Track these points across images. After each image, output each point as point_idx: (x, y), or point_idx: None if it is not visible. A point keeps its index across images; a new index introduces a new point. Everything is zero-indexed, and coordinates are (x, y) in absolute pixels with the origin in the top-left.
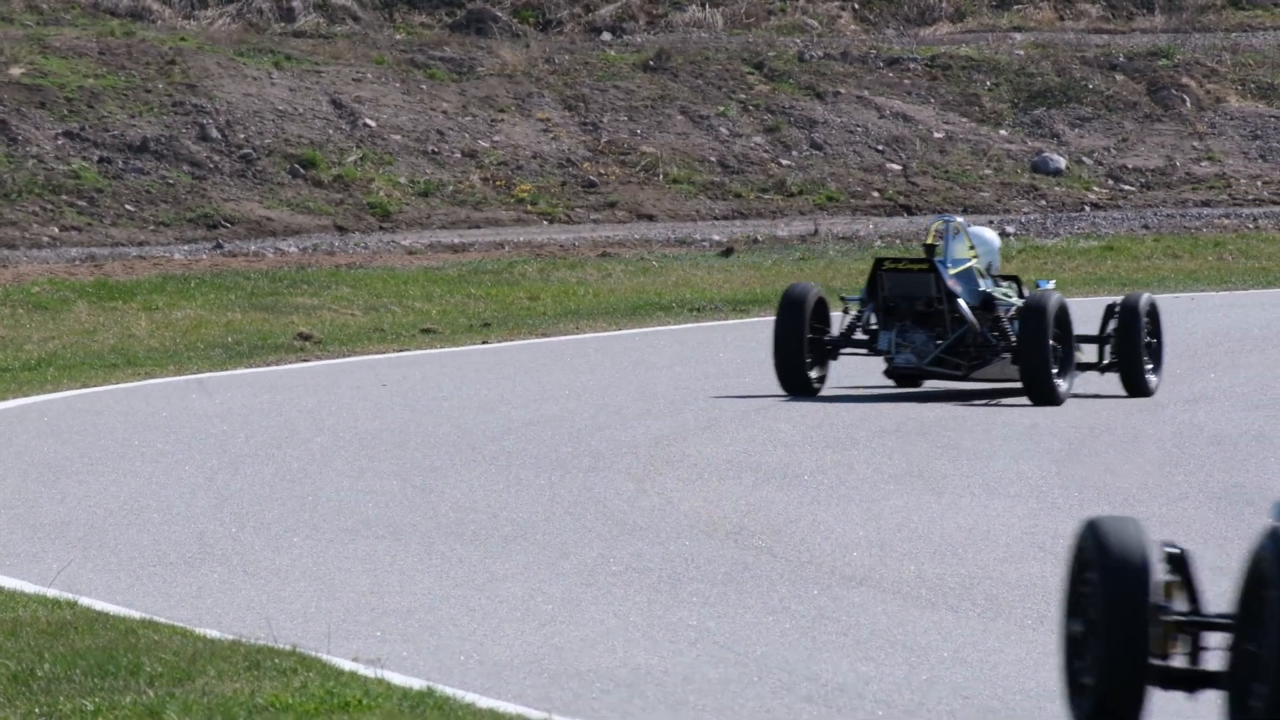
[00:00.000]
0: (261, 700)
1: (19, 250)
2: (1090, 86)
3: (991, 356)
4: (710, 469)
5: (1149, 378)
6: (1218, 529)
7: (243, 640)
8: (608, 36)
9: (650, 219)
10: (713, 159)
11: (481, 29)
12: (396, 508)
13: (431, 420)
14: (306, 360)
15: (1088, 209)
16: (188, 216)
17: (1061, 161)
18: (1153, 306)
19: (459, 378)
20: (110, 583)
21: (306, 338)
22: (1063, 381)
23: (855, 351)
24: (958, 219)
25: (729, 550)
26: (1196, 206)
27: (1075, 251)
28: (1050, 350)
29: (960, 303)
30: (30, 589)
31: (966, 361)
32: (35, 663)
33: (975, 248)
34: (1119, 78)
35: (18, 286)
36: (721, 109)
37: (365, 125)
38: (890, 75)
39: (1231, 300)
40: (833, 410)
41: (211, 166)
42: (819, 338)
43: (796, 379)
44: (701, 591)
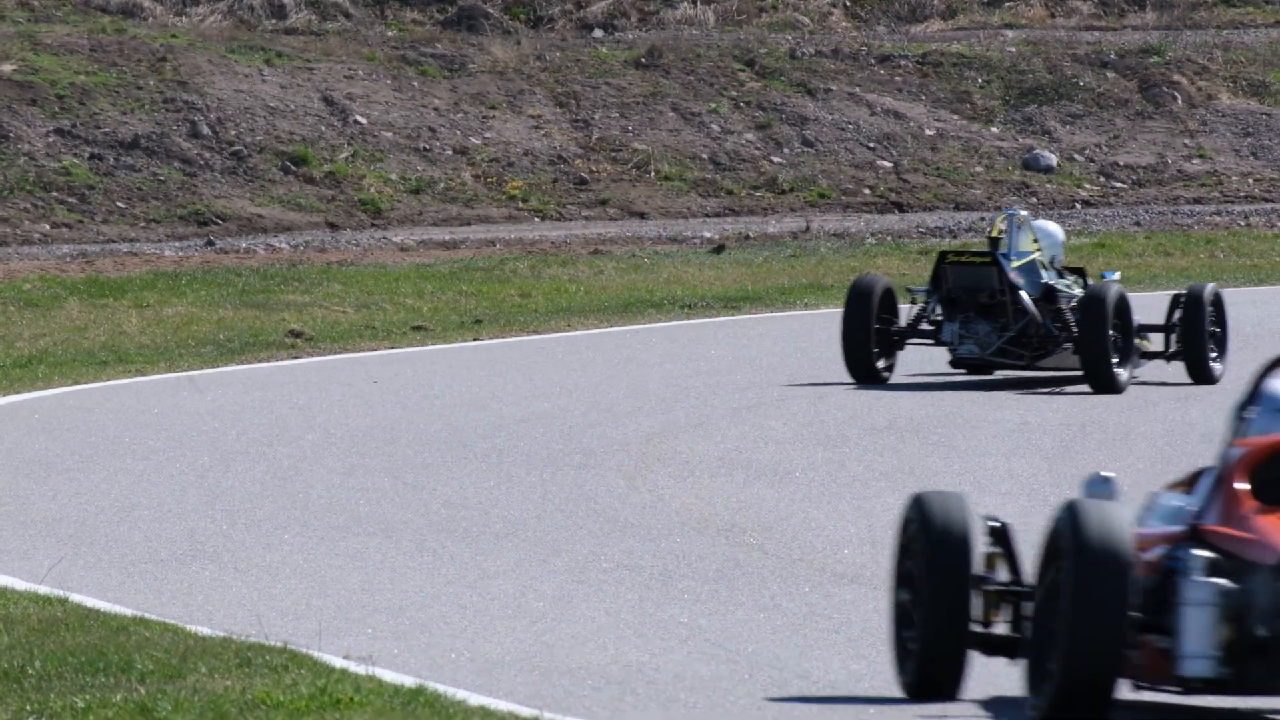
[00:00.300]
0: (252, 697)
1: (10, 247)
2: (1081, 84)
3: (1054, 347)
4: (702, 466)
5: (1213, 365)
6: None
7: (234, 637)
8: (599, 33)
9: (642, 216)
10: (704, 156)
11: (473, 26)
12: (388, 505)
13: (423, 417)
14: (298, 357)
15: (1079, 206)
16: (179, 213)
17: (1053, 159)
18: (1217, 296)
19: (450, 375)
20: (101, 580)
21: (298, 335)
22: (1123, 371)
23: (922, 342)
24: (1022, 212)
25: (720, 547)
26: (1188, 204)
27: (1067, 249)
28: (1110, 340)
29: (1022, 295)
30: (21, 586)
31: (1029, 352)
32: (26, 660)
33: (1039, 240)
34: (1110, 75)
35: (9, 283)
36: (713, 106)
37: (356, 122)
38: (882, 72)
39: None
40: (824, 407)
41: (203, 163)
42: (886, 328)
43: (864, 368)
44: (693, 589)
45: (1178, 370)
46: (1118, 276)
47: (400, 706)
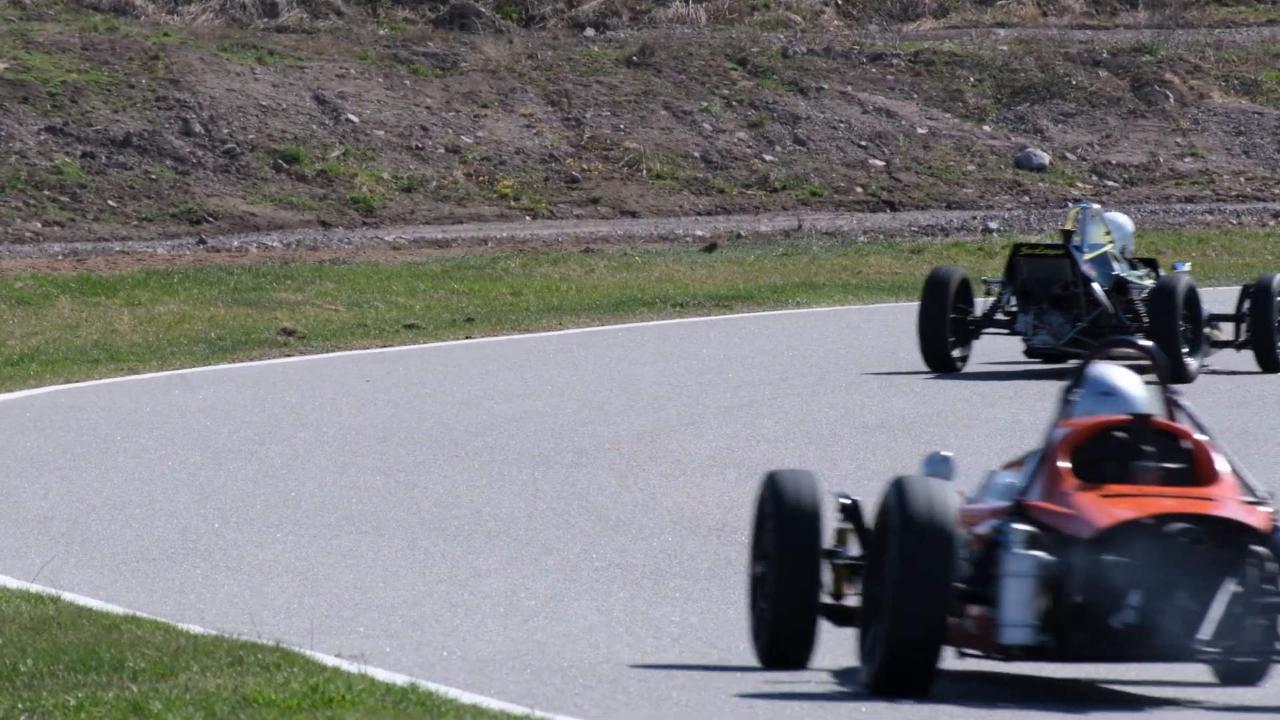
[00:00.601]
0: (244, 696)
1: (2, 246)
2: (1074, 82)
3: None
4: (693, 465)
5: None
6: None
7: (226, 636)
8: (591, 32)
9: (633, 215)
10: (696, 155)
11: (465, 24)
12: (379, 503)
13: (414, 416)
14: (290, 356)
15: (1071, 205)
16: (171, 212)
17: (1045, 157)
18: None
19: (442, 373)
20: (93, 578)
21: (290, 333)
22: (1193, 360)
23: (997, 331)
24: (1094, 205)
25: (712, 546)
26: (1180, 202)
27: None
28: (1180, 330)
29: (1094, 286)
30: (13, 584)
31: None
32: (18, 658)
33: (1111, 232)
34: (1102, 74)
35: (1, 282)
36: (705, 104)
37: (348, 120)
38: (873, 71)
39: (1214, 296)
40: (816, 406)
41: (195, 162)
42: (962, 318)
43: (939, 357)
44: (684, 587)
45: (1247, 359)
46: (1188, 268)
47: (392, 705)
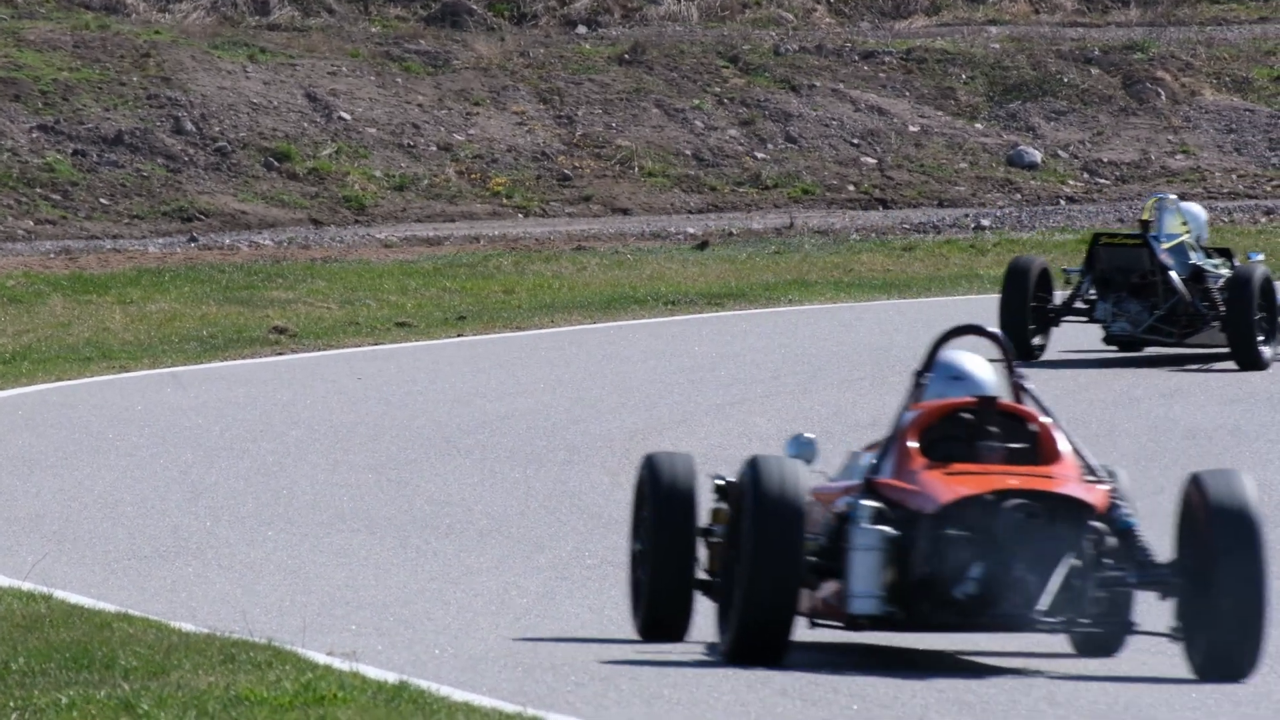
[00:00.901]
0: (236, 694)
1: None
2: (1065, 80)
3: (1202, 325)
4: None
5: None
6: None
7: (217, 634)
8: (583, 30)
9: (625, 212)
10: (687, 152)
11: (456, 22)
12: (371, 501)
13: (406, 414)
14: (281, 354)
15: (1063, 202)
16: (162, 210)
17: (1037, 155)
18: None
19: (434, 371)
20: (85, 576)
21: (281, 331)
22: (1267, 348)
23: (1076, 319)
24: (1171, 195)
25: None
26: None
27: (1050, 245)
28: (1256, 319)
29: (1172, 275)
30: (4, 582)
31: (1178, 330)
32: (10, 656)
33: (1187, 223)
34: (1094, 71)
35: None
36: (696, 102)
37: (340, 118)
38: (865, 68)
39: None
40: (808, 404)
41: (186, 160)
42: (1042, 306)
43: (1020, 344)
44: None
45: None
46: (1262, 258)
47: (384, 703)
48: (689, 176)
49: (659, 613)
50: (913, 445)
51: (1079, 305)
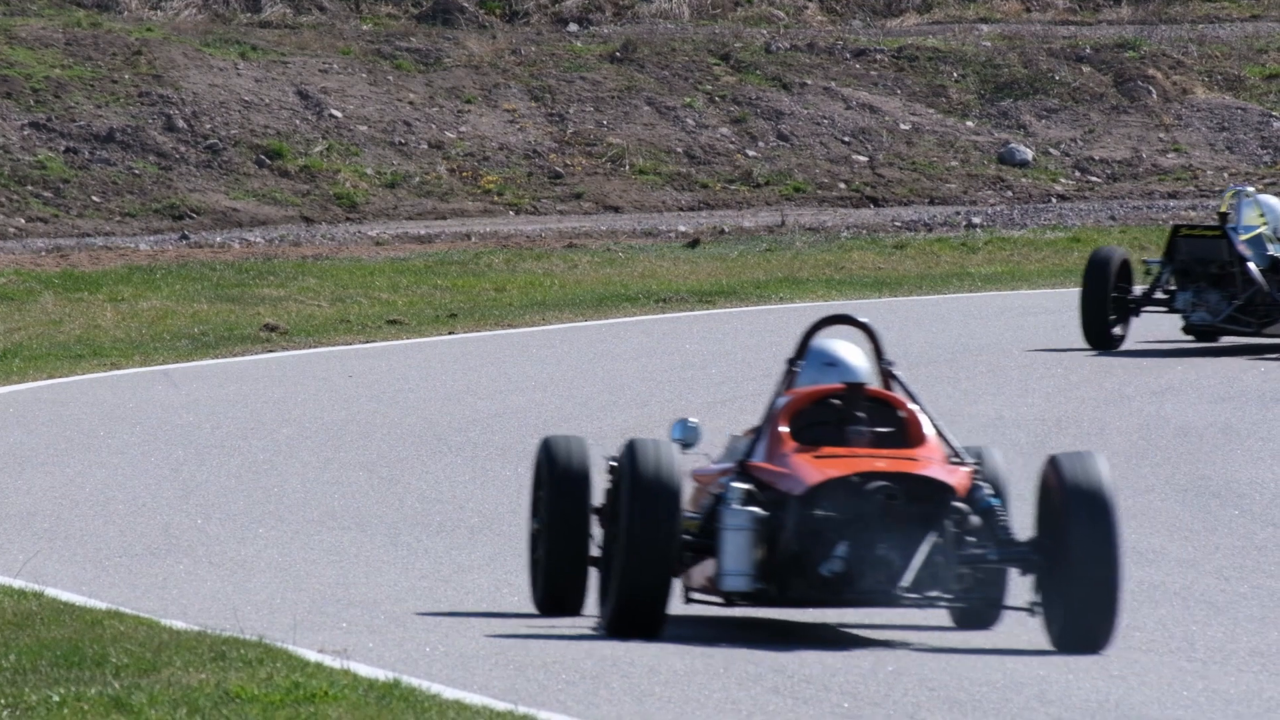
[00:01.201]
0: (227, 691)
1: None
2: (1057, 78)
3: (1279, 315)
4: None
5: None
6: (1184, 521)
7: (208, 631)
8: (574, 27)
9: (616, 210)
10: (679, 150)
11: (448, 20)
12: (362, 499)
13: (397, 411)
14: (272, 351)
15: (1054, 200)
16: (154, 207)
17: (1028, 153)
18: None
19: (425, 369)
20: (76, 574)
21: (273, 329)
22: None
23: (1156, 309)
24: (1249, 188)
25: None
26: (1163, 198)
27: (1042, 243)
28: None
29: (1250, 266)
30: None
31: (1257, 319)
32: (1, 654)
33: (1264, 215)
34: (1085, 69)
35: None
36: (688, 100)
37: (331, 116)
38: (857, 67)
39: None
40: None
41: (178, 157)
42: (1122, 296)
43: (1101, 334)
44: None
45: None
46: None
47: (375, 700)
48: (680, 174)
49: (555, 588)
50: (784, 430)
51: (1158, 296)
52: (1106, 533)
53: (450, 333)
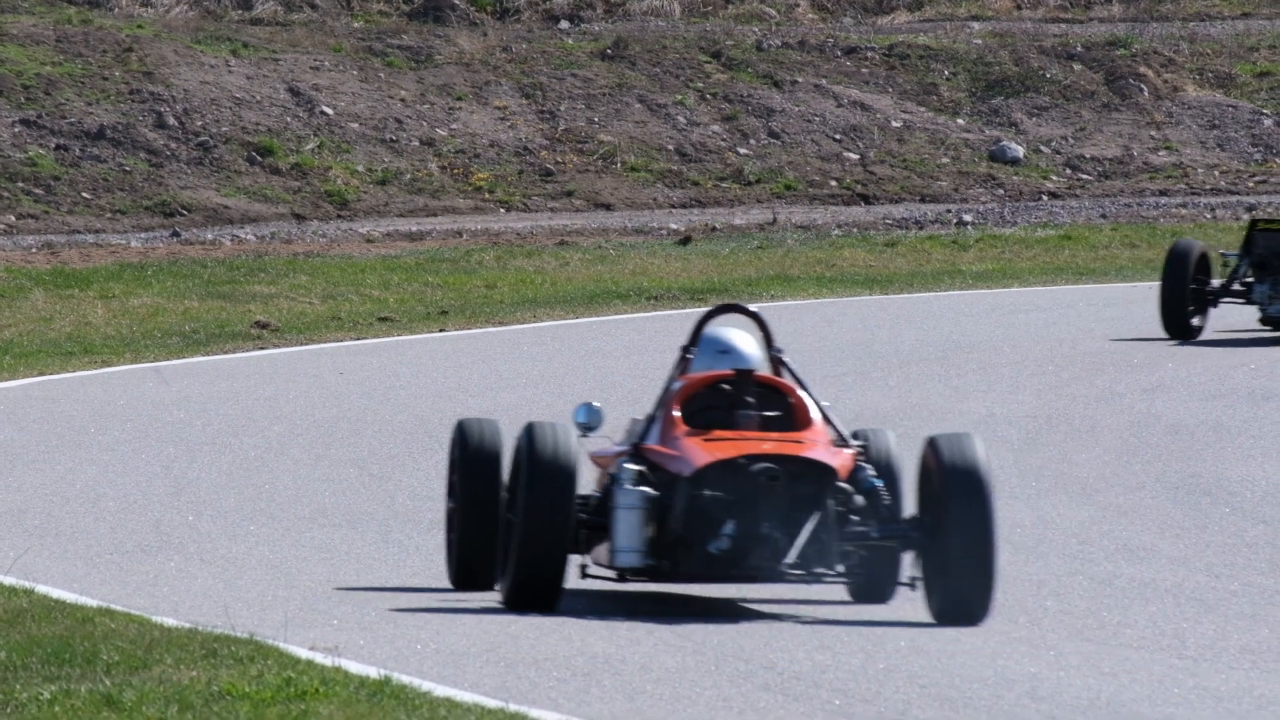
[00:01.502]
0: (218, 688)
1: None
2: (1048, 76)
3: None
4: None
5: None
6: (1175, 518)
7: (199, 628)
8: (565, 25)
9: (608, 207)
10: (670, 148)
11: (439, 17)
12: (353, 496)
13: (389, 408)
14: (264, 348)
15: (1045, 198)
16: (145, 204)
17: (1019, 151)
18: None
19: (416, 366)
20: (67, 571)
21: (264, 326)
22: None
23: (1233, 301)
24: None
25: None
26: (1154, 196)
27: (1033, 241)
28: None
29: None
30: None
31: None
32: None
33: None
34: (1077, 67)
35: None
36: (679, 98)
37: (323, 113)
38: (848, 64)
39: None
40: None
41: (169, 154)
42: (1201, 288)
43: (1179, 325)
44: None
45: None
46: None
47: (366, 698)
48: (672, 172)
49: (468, 565)
50: (676, 414)
51: (1236, 288)
52: (982, 510)
53: (441, 330)
